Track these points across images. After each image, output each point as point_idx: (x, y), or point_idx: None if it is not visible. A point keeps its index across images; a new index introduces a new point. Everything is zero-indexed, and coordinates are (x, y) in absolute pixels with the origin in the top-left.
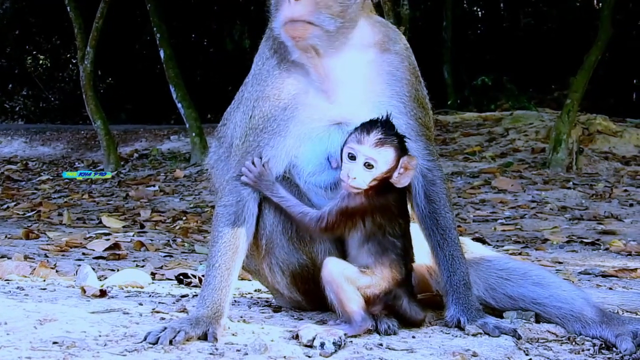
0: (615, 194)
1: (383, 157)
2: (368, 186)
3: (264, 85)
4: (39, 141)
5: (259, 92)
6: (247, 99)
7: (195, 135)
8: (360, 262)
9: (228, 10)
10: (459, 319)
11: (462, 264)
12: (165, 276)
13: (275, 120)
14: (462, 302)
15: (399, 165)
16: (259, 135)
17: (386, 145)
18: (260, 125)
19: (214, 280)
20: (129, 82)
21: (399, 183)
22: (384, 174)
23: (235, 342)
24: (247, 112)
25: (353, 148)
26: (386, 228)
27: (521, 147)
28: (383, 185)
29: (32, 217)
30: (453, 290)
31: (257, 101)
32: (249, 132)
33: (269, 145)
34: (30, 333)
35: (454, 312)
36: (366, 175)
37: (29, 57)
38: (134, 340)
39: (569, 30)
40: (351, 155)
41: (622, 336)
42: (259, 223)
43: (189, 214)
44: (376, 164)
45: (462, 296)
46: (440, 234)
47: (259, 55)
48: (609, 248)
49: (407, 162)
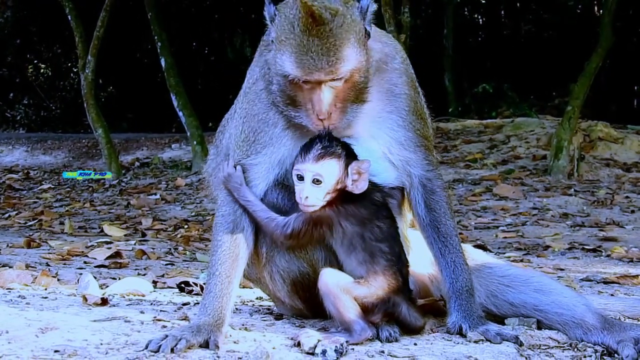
0: (616, 200)
1: (327, 170)
2: (324, 202)
3: (252, 104)
4: (40, 150)
5: (247, 110)
6: (238, 115)
7: (197, 144)
8: (354, 274)
9: (229, 18)
10: (461, 326)
11: (464, 270)
12: (166, 284)
13: (266, 133)
14: (465, 308)
15: (350, 173)
16: (251, 146)
17: (327, 157)
18: (251, 138)
19: (215, 288)
20: (130, 90)
21: (356, 189)
22: (335, 185)
23: (237, 349)
24: (238, 126)
25: (298, 168)
26: (364, 235)
27: (522, 154)
28: (343, 195)
29: (34, 226)
30: (456, 297)
31: (246, 118)
32: (241, 143)
33: (259, 153)
34: (32, 342)
35: (455, 318)
36: (317, 192)
37: (30, 66)
38: (136, 348)
39: (569, 37)
40: (299, 175)
41: (623, 342)
42: (259, 231)
43: (190, 222)
44: (323, 178)
45: (465, 303)
46: (442, 241)
47: (251, 71)
48: (611, 255)
49: (358, 167)
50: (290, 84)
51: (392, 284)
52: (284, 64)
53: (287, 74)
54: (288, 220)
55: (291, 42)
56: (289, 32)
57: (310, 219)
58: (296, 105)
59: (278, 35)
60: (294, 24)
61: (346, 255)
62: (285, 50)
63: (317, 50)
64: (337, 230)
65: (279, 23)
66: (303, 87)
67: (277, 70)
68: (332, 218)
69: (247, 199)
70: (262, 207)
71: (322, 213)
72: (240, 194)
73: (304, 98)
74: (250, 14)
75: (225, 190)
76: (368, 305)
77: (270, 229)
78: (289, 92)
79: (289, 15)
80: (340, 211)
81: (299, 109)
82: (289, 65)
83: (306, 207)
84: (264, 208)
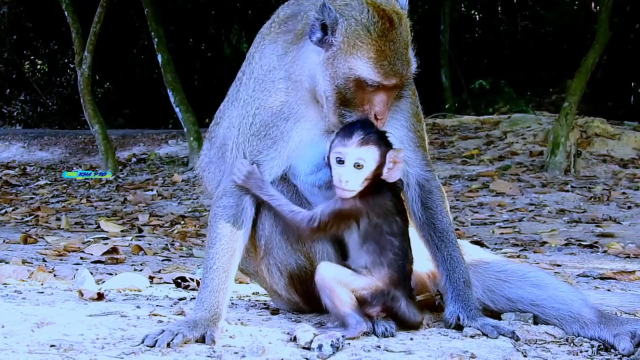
0: (613, 196)
1: (370, 155)
2: (361, 187)
3: (267, 94)
4: (36, 146)
5: (261, 100)
6: (247, 103)
7: (193, 140)
8: (359, 263)
9: (226, 14)
10: (459, 316)
11: (460, 262)
12: (163, 280)
13: (277, 128)
14: (462, 299)
15: (387, 161)
16: (262, 140)
17: (370, 142)
18: (262, 132)
19: (212, 282)
20: (127, 86)
21: (390, 178)
22: (374, 171)
23: (233, 344)
24: (247, 117)
25: (340, 152)
26: (383, 227)
27: (519, 150)
28: (375, 184)
29: (30, 221)
30: (453, 288)
31: (259, 109)
32: (250, 137)
33: (271, 149)
34: (28, 336)
35: (453, 309)
36: (358, 176)
37: (27, 62)
38: (131, 343)
39: (566, 33)
40: (339, 159)
41: (620, 336)
42: (257, 224)
43: (187, 218)
44: (365, 163)
45: (462, 293)
46: (438, 236)
47: (264, 58)
48: (607, 250)
49: (395, 155)
50: (356, 86)
51: (393, 277)
52: (360, 69)
53: (363, 79)
54: (314, 213)
55: (368, 47)
56: (364, 37)
57: (338, 211)
58: (351, 105)
59: (348, 40)
60: (369, 29)
61: (358, 246)
62: (361, 55)
63: (393, 55)
64: (363, 221)
65: (348, 27)
66: (368, 89)
67: (347, 74)
68: (362, 210)
69: (270, 194)
70: (286, 200)
71: (353, 205)
72: (262, 190)
73: (363, 99)
74: (247, 10)
75: (227, 182)
76: (366, 297)
77: (295, 222)
78: (349, 93)
79: (360, 19)
80: (369, 203)
81: (353, 108)
82: (366, 70)
83: (344, 192)
84: (288, 202)
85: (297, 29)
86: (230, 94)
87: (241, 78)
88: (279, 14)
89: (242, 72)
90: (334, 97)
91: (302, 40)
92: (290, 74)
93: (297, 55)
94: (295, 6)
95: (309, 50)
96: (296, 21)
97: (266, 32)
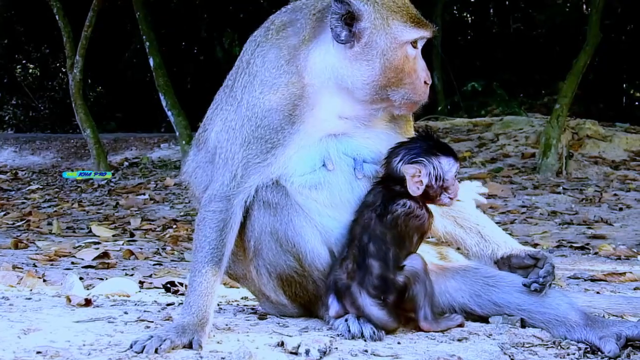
0: (604, 198)
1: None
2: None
3: (277, 97)
4: (28, 150)
5: (272, 103)
6: (252, 105)
7: (186, 144)
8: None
9: (218, 17)
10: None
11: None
12: (153, 284)
13: (282, 132)
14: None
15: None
16: (263, 145)
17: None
18: (266, 136)
19: (200, 286)
20: (119, 90)
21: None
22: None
23: (220, 349)
24: (252, 118)
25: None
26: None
27: (511, 153)
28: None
29: (22, 226)
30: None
31: (268, 112)
32: (252, 140)
33: (269, 153)
34: (14, 343)
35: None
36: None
37: (18, 66)
38: (118, 349)
39: (558, 35)
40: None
41: (605, 338)
42: (246, 225)
43: (179, 222)
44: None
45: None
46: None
47: (268, 62)
48: (599, 252)
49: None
50: (403, 56)
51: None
52: (405, 33)
53: (413, 39)
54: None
55: (399, 11)
56: (392, 4)
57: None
58: (402, 81)
59: (380, 15)
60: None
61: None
62: (398, 21)
63: (415, 9)
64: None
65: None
66: (410, 56)
67: (393, 45)
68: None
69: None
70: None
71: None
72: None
73: (410, 68)
74: (239, 13)
75: (216, 186)
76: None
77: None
78: (394, 70)
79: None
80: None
81: (404, 84)
82: (411, 31)
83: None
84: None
85: (303, 34)
86: (219, 99)
87: (234, 84)
88: (273, 21)
89: (232, 80)
90: (379, 82)
91: (311, 43)
92: (300, 78)
93: (307, 59)
94: (290, 13)
95: (322, 52)
96: (296, 28)
97: (262, 40)
